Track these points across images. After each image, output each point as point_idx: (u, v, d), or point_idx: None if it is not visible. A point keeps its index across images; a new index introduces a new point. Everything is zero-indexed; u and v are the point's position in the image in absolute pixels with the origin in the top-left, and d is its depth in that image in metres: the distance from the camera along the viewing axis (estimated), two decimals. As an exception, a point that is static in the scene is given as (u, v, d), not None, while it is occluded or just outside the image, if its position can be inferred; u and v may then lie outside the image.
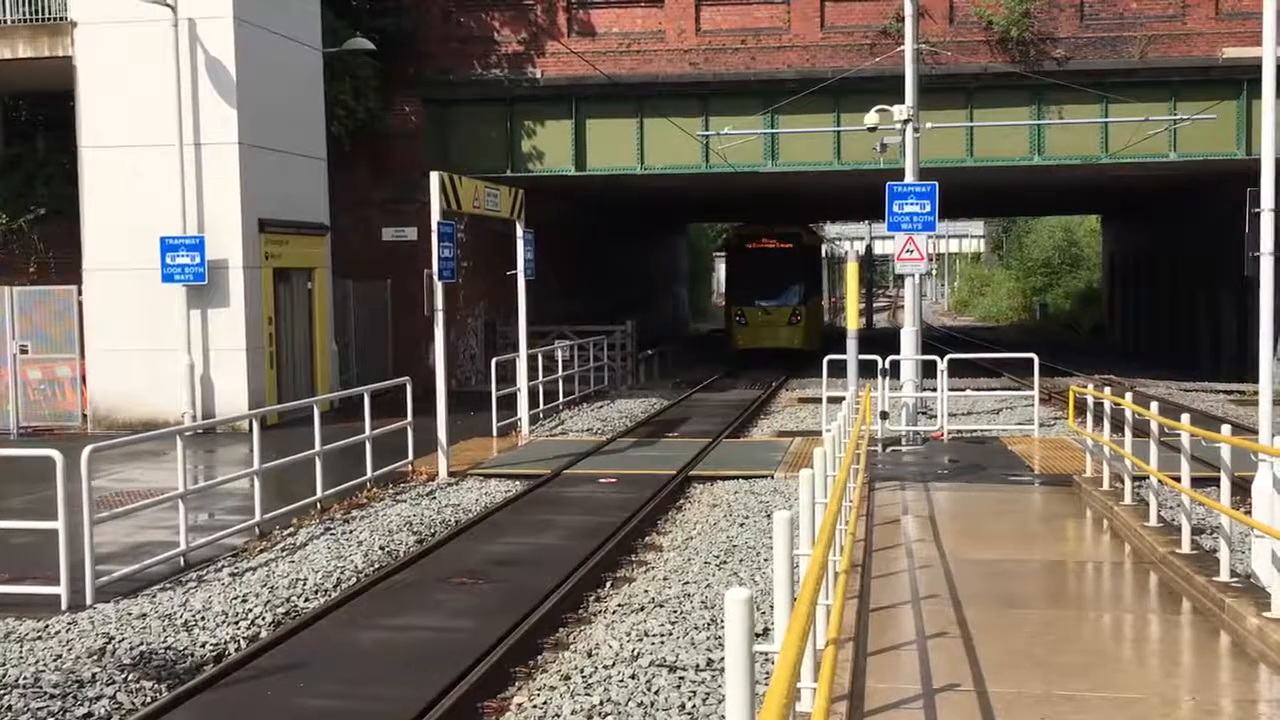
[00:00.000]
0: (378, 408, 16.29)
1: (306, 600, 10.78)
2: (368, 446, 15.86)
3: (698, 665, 8.83)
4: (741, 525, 13.60)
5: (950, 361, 20.24)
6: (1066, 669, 7.93)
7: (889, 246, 31.89)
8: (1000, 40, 27.14)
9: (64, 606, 10.25)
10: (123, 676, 8.64)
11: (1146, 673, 8.16)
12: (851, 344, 19.57)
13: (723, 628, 8.89)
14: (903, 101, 20.49)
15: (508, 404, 21.50)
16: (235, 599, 10.54)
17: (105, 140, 21.66)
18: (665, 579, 11.37)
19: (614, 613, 10.36)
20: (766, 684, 6.57)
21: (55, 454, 10.41)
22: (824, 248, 46.10)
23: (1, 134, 26.12)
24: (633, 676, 8.63)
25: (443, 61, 28.62)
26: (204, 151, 21.46)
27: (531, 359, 22.41)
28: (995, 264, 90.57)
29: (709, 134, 27.42)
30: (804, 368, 22.17)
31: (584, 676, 8.68)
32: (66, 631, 9.63)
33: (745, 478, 16.62)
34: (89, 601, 10.39)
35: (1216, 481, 10.09)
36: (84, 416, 21.94)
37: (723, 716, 7.75)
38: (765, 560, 11.63)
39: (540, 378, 23.45)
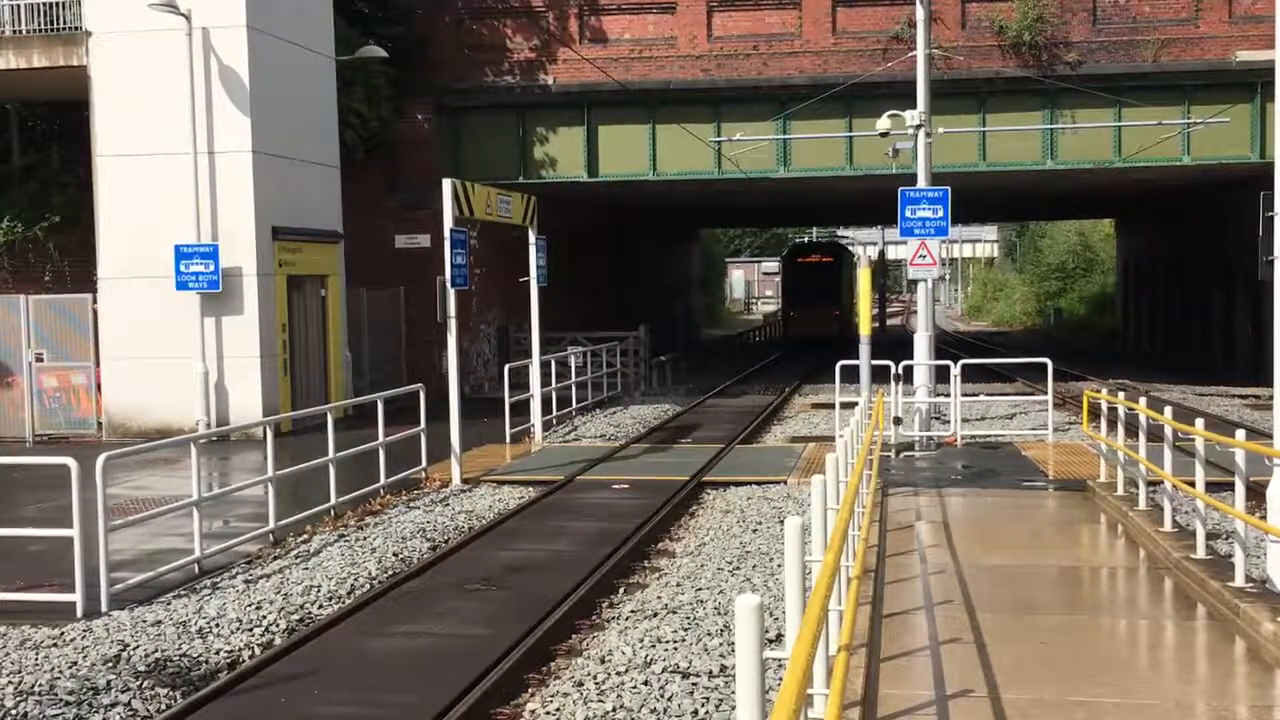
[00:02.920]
0: (391, 414, 16.32)
1: (320, 607, 10.81)
2: (381, 453, 15.88)
3: (711, 671, 8.83)
4: (755, 531, 13.59)
5: (964, 367, 20.21)
6: (1081, 675, 7.91)
7: (902, 251, 31.89)
8: (1013, 45, 27.11)
9: (79, 614, 10.28)
10: (137, 683, 8.67)
11: (1161, 679, 8.13)
12: (864, 349, 19.54)
13: (735, 634, 8.88)
14: (915, 106, 20.45)
15: (521, 410, 21.51)
16: (249, 606, 10.57)
17: (119, 149, 21.77)
18: (678, 585, 11.37)
19: (627, 619, 10.36)
20: (778, 690, 6.57)
21: (70, 462, 10.45)
22: (855, 259, 51.70)
23: (17, 143, 26.27)
24: (646, 683, 8.63)
25: (455, 69, 28.69)
26: (218, 160, 21.55)
27: (545, 365, 22.43)
28: (1009, 269, 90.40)
29: (721, 140, 27.42)
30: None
31: (597, 683, 8.68)
32: (82, 638, 9.67)
33: (758, 483, 16.61)
34: (104, 609, 10.42)
35: (1231, 486, 10.06)
36: (99, 424, 22.03)
37: (736, 723, 7.75)
38: (779, 566, 11.62)
39: (553, 384, 23.48)
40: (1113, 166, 28.02)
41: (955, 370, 19.60)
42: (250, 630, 9.99)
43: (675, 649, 9.32)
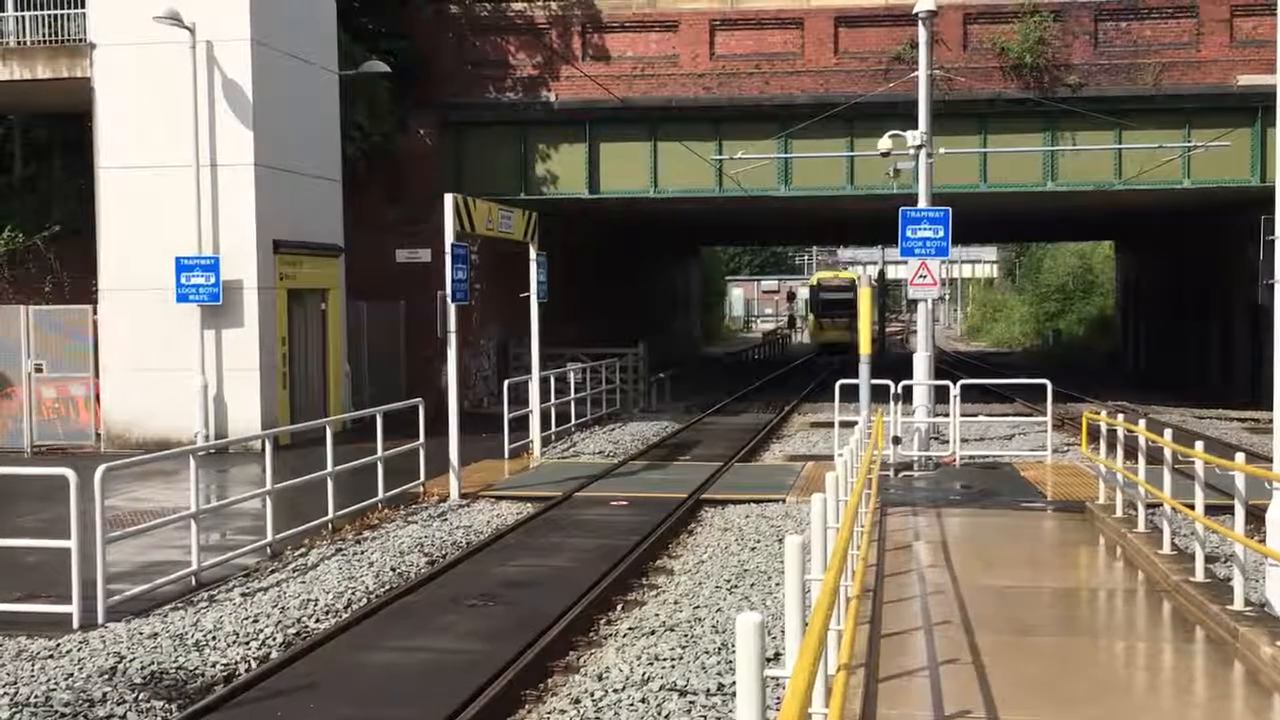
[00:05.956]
0: (390, 428, 16.31)
1: (317, 621, 10.79)
2: (379, 467, 15.87)
3: (708, 690, 8.81)
4: (753, 549, 13.58)
5: (963, 387, 20.21)
6: (1079, 697, 7.89)
7: (902, 271, 32.09)
8: (1014, 66, 27.18)
9: (76, 625, 10.26)
10: (133, 696, 8.64)
11: (1159, 702, 8.11)
12: (864, 369, 19.53)
13: (733, 652, 8.86)
14: (916, 127, 20.50)
15: (520, 426, 21.50)
16: (246, 619, 10.55)
17: (122, 161, 21.79)
18: (676, 603, 11.35)
19: (625, 636, 10.35)
20: (777, 709, 6.55)
21: (69, 473, 10.44)
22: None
23: (20, 154, 26.29)
24: (643, 700, 8.61)
25: (458, 85, 28.75)
26: (220, 173, 21.58)
27: (544, 381, 22.42)
28: (1009, 289, 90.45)
29: (722, 158, 27.46)
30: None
31: (594, 700, 8.66)
32: (78, 650, 9.64)
33: (757, 501, 16.60)
34: (101, 620, 10.40)
35: (1231, 509, 10.05)
36: (98, 435, 22.00)
37: (733, 742, 7.72)
38: (776, 585, 11.60)
39: (553, 400, 23.47)
40: (1113, 189, 28.07)
41: (954, 390, 19.61)
42: (247, 643, 9.96)
43: (673, 667, 9.30)
